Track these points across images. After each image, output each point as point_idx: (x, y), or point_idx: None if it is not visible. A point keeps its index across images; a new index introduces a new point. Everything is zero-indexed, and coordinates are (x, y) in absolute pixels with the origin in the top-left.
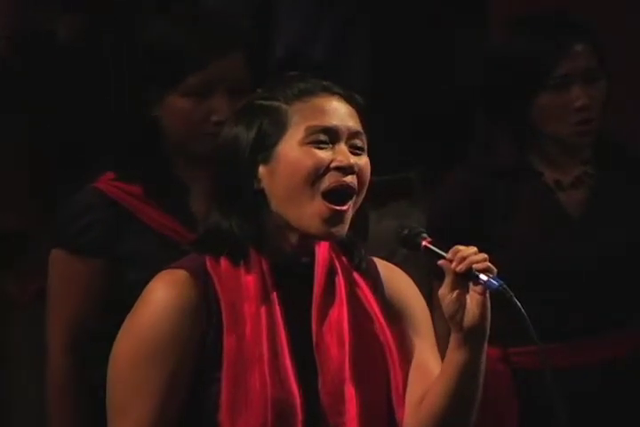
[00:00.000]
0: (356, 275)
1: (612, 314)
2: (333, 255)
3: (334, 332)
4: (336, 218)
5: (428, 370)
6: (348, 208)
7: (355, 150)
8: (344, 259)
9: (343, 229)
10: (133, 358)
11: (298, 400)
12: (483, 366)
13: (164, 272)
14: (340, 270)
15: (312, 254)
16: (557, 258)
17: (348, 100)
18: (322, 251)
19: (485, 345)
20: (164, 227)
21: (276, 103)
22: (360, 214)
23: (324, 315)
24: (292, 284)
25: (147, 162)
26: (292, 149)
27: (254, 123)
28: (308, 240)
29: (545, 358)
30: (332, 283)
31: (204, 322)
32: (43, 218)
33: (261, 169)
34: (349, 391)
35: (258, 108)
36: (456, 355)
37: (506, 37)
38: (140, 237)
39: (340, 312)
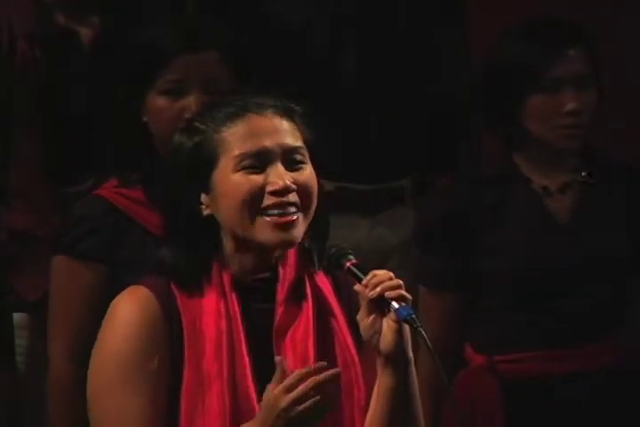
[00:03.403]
0: (327, 291)
1: (599, 320)
2: (302, 269)
3: (299, 350)
4: (285, 227)
5: None
6: (296, 219)
7: (293, 166)
8: (313, 273)
9: (294, 235)
10: (111, 378)
11: None
12: (412, 390)
13: (125, 290)
14: (308, 286)
15: (275, 269)
16: (544, 264)
17: (284, 113)
18: (288, 264)
19: (411, 369)
20: None
21: (206, 129)
22: (319, 219)
23: (286, 332)
24: (255, 300)
25: (143, 167)
26: (226, 178)
27: (188, 152)
28: (267, 254)
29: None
30: (297, 298)
31: (167, 337)
32: (51, 218)
33: (204, 197)
34: None
35: (192, 133)
36: (381, 378)
37: (502, 41)
38: (141, 243)
39: (306, 329)
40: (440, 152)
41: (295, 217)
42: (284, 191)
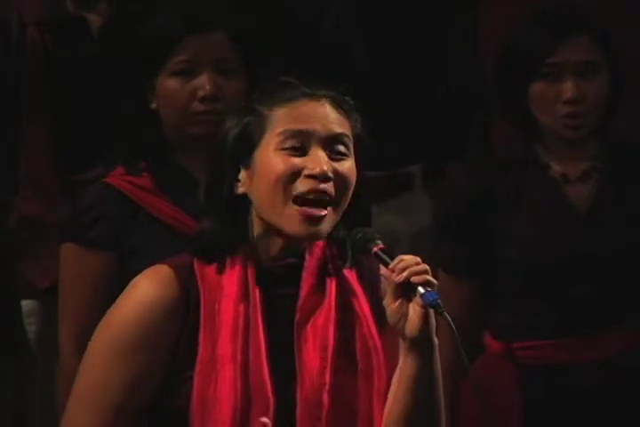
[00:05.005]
0: (352, 279)
1: (615, 310)
2: (329, 257)
3: (319, 336)
4: (313, 220)
5: None
6: (325, 214)
7: (336, 155)
8: (339, 261)
9: (322, 229)
10: (105, 351)
11: (271, 402)
12: (435, 376)
13: (150, 268)
14: (333, 272)
15: (301, 255)
16: (561, 252)
17: (338, 104)
18: (315, 251)
19: (436, 355)
20: (173, 219)
21: (260, 108)
22: (361, 213)
23: (308, 318)
24: (279, 285)
25: (152, 155)
26: (268, 155)
27: (238, 127)
28: (294, 241)
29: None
30: (321, 285)
31: (181, 321)
32: (59, 205)
33: (243, 173)
34: (325, 398)
35: (246, 111)
36: (405, 363)
37: (514, 28)
38: (149, 230)
39: (328, 316)
40: (450, 139)
41: (325, 212)
42: (321, 177)
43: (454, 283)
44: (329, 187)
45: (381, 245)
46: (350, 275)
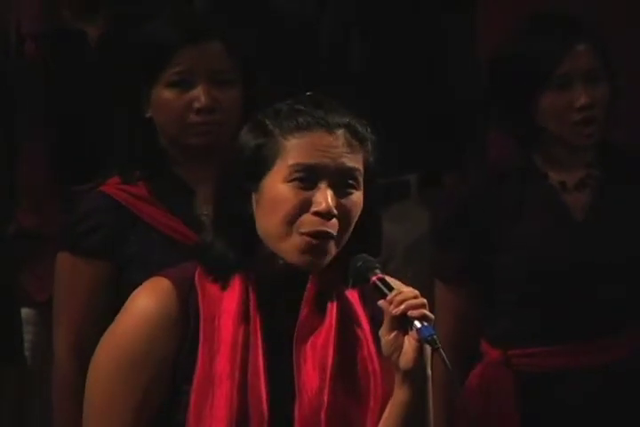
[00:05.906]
0: (355, 300)
1: (613, 316)
2: (331, 278)
3: (318, 356)
4: (315, 250)
5: None
6: (327, 246)
7: (343, 189)
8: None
9: (323, 261)
10: (111, 367)
11: (266, 421)
12: (426, 408)
13: (148, 281)
14: (335, 293)
15: (304, 273)
16: (560, 260)
17: (352, 133)
18: (320, 270)
19: (429, 388)
20: (169, 228)
21: (275, 130)
22: (367, 237)
23: (308, 337)
24: (279, 303)
25: (148, 164)
26: (276, 185)
27: (252, 148)
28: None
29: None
30: (323, 305)
31: (181, 334)
32: (58, 218)
33: (253, 195)
34: (323, 418)
35: (259, 130)
36: (397, 394)
37: (510, 39)
38: (145, 240)
39: (328, 337)
40: (446, 148)
41: (326, 245)
42: (327, 215)
43: (454, 292)
44: (333, 225)
45: (380, 275)
46: (353, 296)
